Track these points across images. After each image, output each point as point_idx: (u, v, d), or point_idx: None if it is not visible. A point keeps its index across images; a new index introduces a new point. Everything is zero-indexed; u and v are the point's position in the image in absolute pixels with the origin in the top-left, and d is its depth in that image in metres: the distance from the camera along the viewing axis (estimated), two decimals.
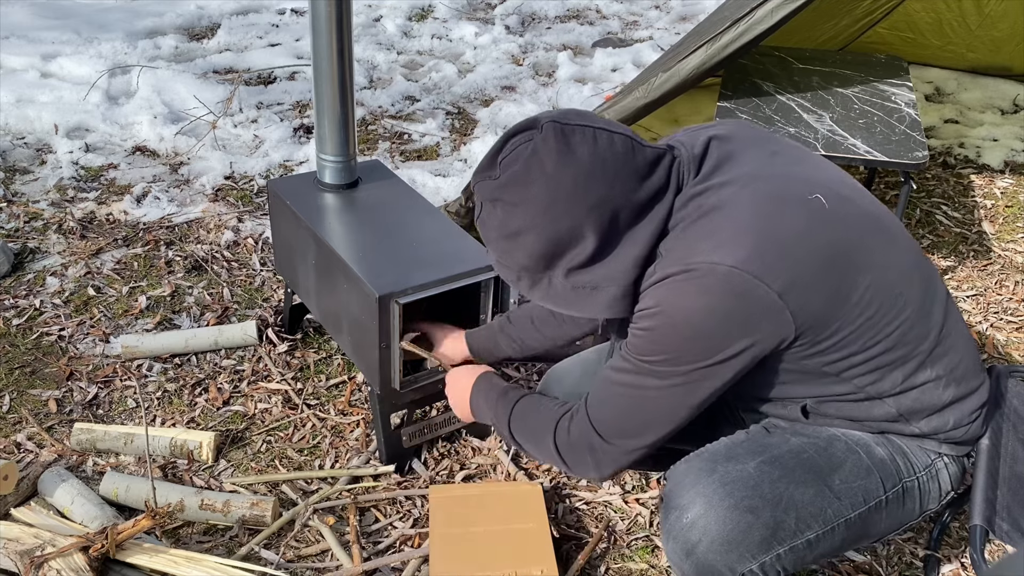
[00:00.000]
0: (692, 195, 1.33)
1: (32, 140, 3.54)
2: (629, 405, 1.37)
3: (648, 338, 1.30)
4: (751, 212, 1.28)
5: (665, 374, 1.31)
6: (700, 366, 1.29)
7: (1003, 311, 2.82)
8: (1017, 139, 3.98)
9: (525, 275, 1.38)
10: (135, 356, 2.39)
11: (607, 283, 1.34)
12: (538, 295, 1.40)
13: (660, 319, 1.28)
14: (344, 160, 2.15)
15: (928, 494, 1.47)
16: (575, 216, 1.30)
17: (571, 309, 1.38)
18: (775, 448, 1.42)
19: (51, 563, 1.62)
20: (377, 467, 2.05)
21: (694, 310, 1.25)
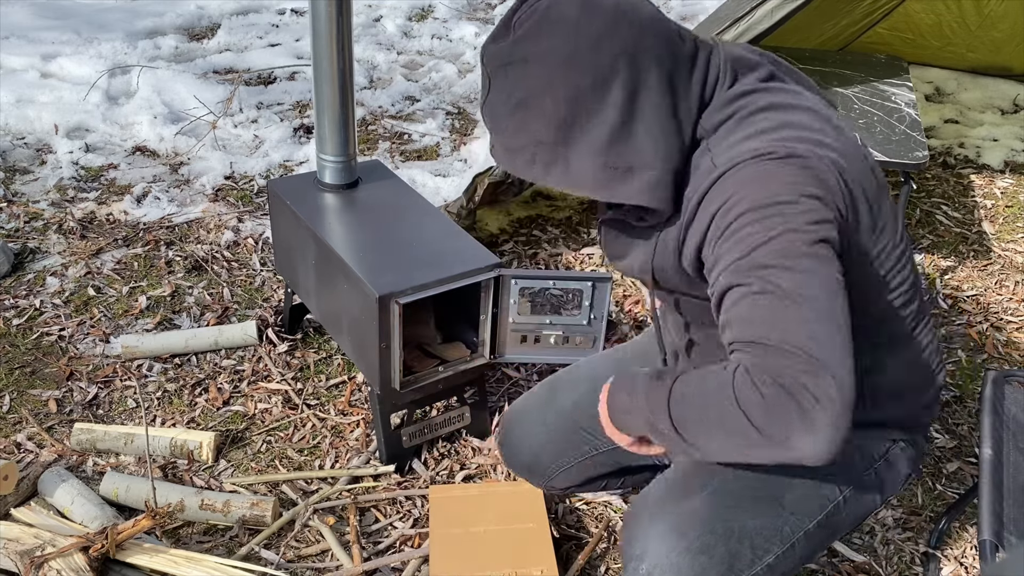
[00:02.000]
0: (741, 92, 1.21)
1: (32, 140, 3.54)
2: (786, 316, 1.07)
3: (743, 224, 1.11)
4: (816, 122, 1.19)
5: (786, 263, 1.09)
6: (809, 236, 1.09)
7: (1003, 311, 2.82)
8: (1017, 139, 3.98)
9: (540, 153, 1.19)
10: (135, 356, 2.39)
11: (637, 163, 1.17)
12: (555, 178, 1.20)
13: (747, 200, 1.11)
14: (344, 160, 2.15)
15: (886, 482, 1.44)
16: (600, 67, 1.13)
17: (599, 193, 1.19)
18: (723, 472, 1.35)
19: (51, 563, 1.62)
20: (377, 467, 2.05)
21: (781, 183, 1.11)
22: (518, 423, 1.72)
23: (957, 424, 2.34)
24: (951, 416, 2.37)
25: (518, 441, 1.72)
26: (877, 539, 1.98)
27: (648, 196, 1.18)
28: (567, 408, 1.64)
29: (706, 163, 1.17)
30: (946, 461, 2.22)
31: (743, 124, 1.18)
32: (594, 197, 1.22)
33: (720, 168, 1.14)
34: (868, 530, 2.00)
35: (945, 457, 2.23)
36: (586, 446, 1.62)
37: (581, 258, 2.97)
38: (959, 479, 2.16)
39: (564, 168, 1.18)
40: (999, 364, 2.58)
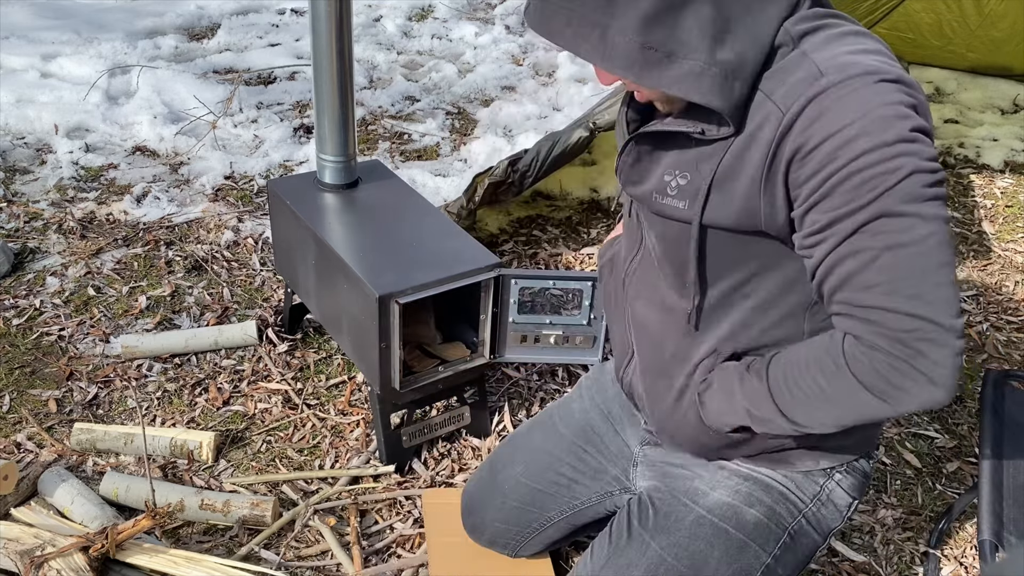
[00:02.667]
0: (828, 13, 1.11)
1: (32, 140, 3.54)
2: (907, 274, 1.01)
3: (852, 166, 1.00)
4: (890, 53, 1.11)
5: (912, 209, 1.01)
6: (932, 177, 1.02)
7: (1003, 311, 2.82)
8: (1017, 139, 3.98)
9: (576, 21, 1.05)
10: (135, 356, 2.39)
11: (680, 48, 1.04)
12: (588, 48, 1.06)
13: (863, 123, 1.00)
14: (344, 160, 2.15)
15: (825, 519, 1.37)
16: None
17: (632, 73, 1.06)
18: (635, 568, 1.35)
19: (51, 563, 1.62)
20: (377, 467, 2.05)
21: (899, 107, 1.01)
22: (470, 511, 1.71)
23: (957, 424, 2.34)
24: (951, 416, 2.37)
25: (472, 528, 1.72)
26: (877, 539, 1.98)
27: (686, 86, 1.05)
28: (510, 486, 1.63)
29: (807, 67, 1.04)
30: (946, 461, 2.22)
31: (842, 40, 1.06)
32: (625, 79, 1.08)
33: (831, 76, 1.01)
34: (868, 530, 2.00)
35: (945, 457, 2.23)
36: (535, 523, 1.62)
37: (581, 258, 2.97)
38: (959, 479, 2.16)
39: (600, 40, 1.05)
40: (999, 364, 2.58)
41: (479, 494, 1.70)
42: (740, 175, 1.10)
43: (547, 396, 2.35)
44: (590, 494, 1.57)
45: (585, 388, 1.67)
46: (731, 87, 1.05)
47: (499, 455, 1.71)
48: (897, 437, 2.28)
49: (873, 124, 0.99)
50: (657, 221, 1.23)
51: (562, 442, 1.61)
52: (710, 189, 1.13)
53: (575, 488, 1.57)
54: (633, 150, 1.23)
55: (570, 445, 1.60)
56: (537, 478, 1.60)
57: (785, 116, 1.04)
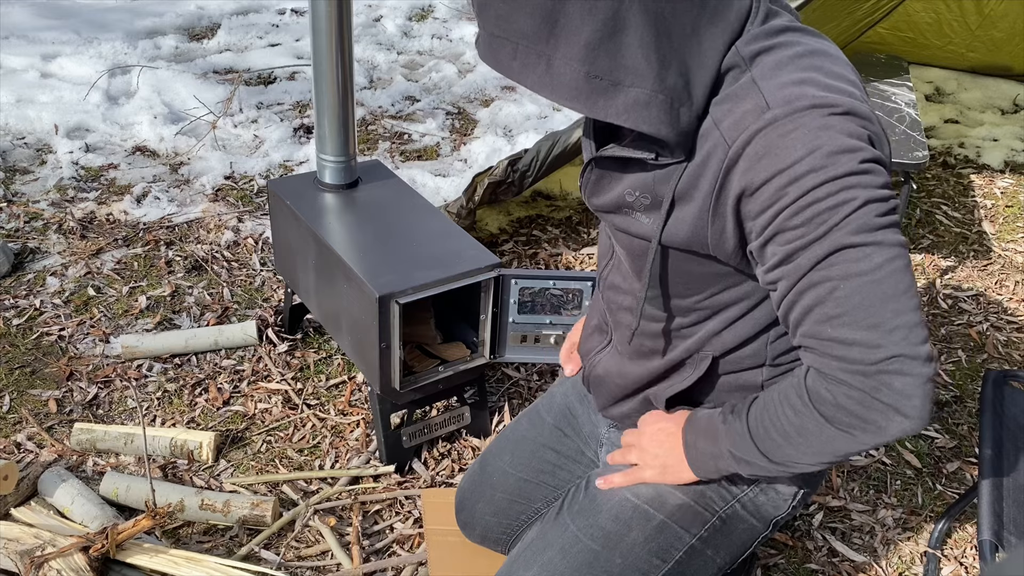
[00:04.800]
0: (783, 27, 1.08)
1: (32, 140, 3.54)
2: (858, 297, 1.00)
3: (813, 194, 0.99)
4: (855, 79, 1.08)
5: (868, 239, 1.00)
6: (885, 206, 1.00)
7: (1003, 311, 2.82)
8: (1017, 139, 3.98)
9: (523, 51, 1.04)
10: (135, 356, 2.39)
11: (626, 76, 1.02)
12: (534, 79, 1.05)
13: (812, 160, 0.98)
14: (344, 160, 2.15)
15: (764, 506, 1.35)
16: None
17: (579, 105, 1.05)
18: (551, 548, 1.37)
19: (51, 563, 1.62)
20: (377, 467, 2.05)
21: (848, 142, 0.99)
22: (462, 507, 1.72)
23: (957, 424, 2.34)
24: (951, 416, 2.37)
25: (464, 524, 1.73)
26: (877, 539, 1.98)
27: (634, 116, 1.04)
28: (499, 478, 1.64)
29: (754, 97, 1.02)
30: (946, 461, 2.22)
31: (795, 63, 1.04)
32: (573, 109, 1.08)
33: (777, 110, 1.00)
34: (868, 530, 2.00)
35: (945, 457, 2.23)
36: (524, 515, 1.62)
37: (581, 258, 2.97)
38: (959, 479, 2.16)
39: (545, 69, 1.04)
40: (999, 364, 2.58)
41: (470, 489, 1.71)
42: (693, 199, 1.10)
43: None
44: (572, 478, 1.57)
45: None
46: (678, 114, 1.04)
47: (489, 449, 1.72)
48: None
49: (821, 160, 0.98)
50: (622, 236, 1.24)
51: (545, 428, 1.62)
52: (669, 210, 1.13)
53: (559, 474, 1.58)
54: (595, 170, 1.24)
55: (552, 430, 1.61)
56: (523, 467, 1.61)
57: (731, 149, 1.03)
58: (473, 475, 1.71)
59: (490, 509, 1.65)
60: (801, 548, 1.94)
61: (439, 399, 2.12)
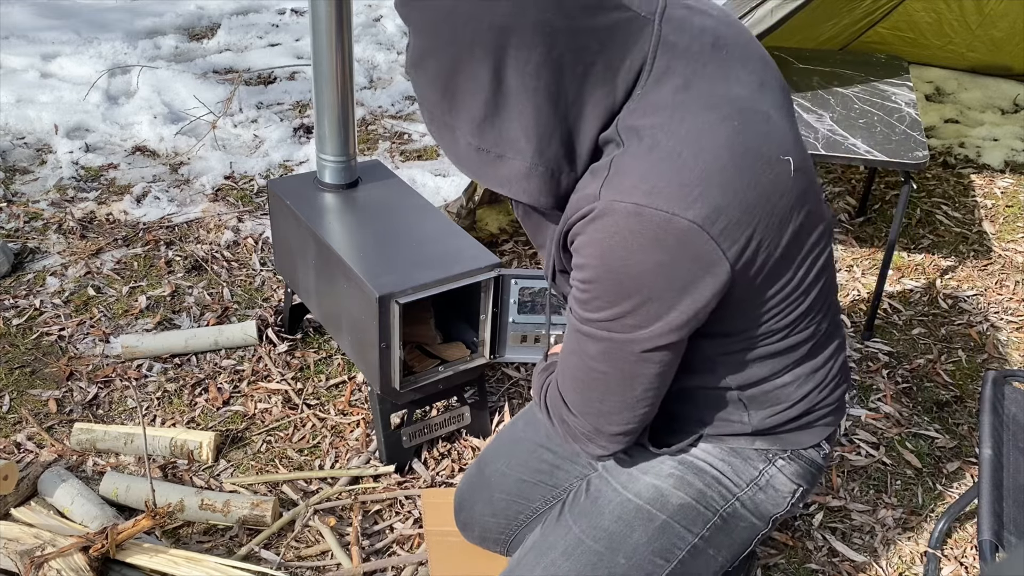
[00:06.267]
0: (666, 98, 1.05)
1: (32, 140, 3.54)
2: (579, 373, 1.18)
3: (583, 289, 1.08)
4: (727, 160, 1.03)
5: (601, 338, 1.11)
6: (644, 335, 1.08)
7: (1003, 311, 2.82)
8: (1017, 139, 3.98)
9: (435, 119, 1.10)
10: (135, 356, 2.39)
11: (508, 150, 1.06)
12: (445, 146, 1.12)
13: (597, 268, 1.05)
14: (344, 160, 2.15)
15: (763, 504, 1.36)
16: (470, 37, 0.99)
17: (471, 174, 1.11)
18: (553, 550, 1.38)
19: (51, 563, 1.62)
20: (377, 467, 2.05)
21: (641, 264, 1.02)
22: (460, 507, 1.72)
23: (957, 424, 2.34)
24: (951, 416, 2.37)
25: (463, 525, 1.73)
26: (877, 539, 1.98)
27: (513, 188, 1.09)
28: (498, 480, 1.64)
29: (597, 183, 1.04)
30: (946, 461, 2.22)
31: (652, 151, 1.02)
32: (469, 177, 1.14)
33: (601, 201, 1.02)
34: (868, 530, 2.00)
35: (945, 457, 2.23)
36: (523, 515, 1.62)
37: None
38: (959, 479, 2.16)
39: (451, 140, 1.10)
40: (999, 364, 2.58)
41: (468, 490, 1.71)
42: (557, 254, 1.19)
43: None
44: (570, 479, 1.57)
45: None
46: (558, 182, 1.09)
47: (487, 450, 1.72)
48: (897, 437, 2.28)
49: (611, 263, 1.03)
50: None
51: (541, 429, 1.62)
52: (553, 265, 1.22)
53: (557, 474, 1.58)
54: (522, 212, 1.29)
55: (548, 431, 1.61)
56: (521, 467, 1.61)
57: (566, 224, 1.09)
58: (471, 477, 1.71)
59: (489, 510, 1.65)
60: (801, 548, 1.94)
61: (439, 399, 2.12)
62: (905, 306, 2.83)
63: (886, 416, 2.34)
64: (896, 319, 2.76)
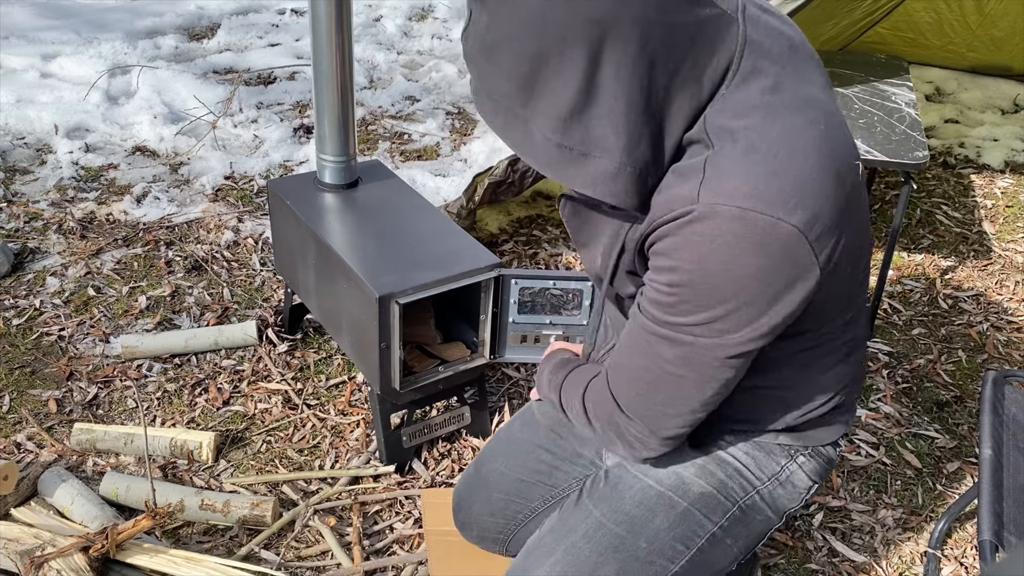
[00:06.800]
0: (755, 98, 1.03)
1: (32, 140, 3.54)
2: (645, 375, 1.15)
3: (672, 292, 1.05)
4: (820, 164, 1.03)
5: (682, 342, 1.09)
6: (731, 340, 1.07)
7: (1003, 311, 2.82)
8: (1017, 139, 3.98)
9: (503, 110, 1.06)
10: (135, 356, 2.39)
11: (595, 148, 1.02)
12: (513, 140, 1.07)
13: (693, 272, 1.02)
14: (344, 160, 2.15)
15: (780, 499, 1.38)
16: (566, 29, 0.96)
17: (550, 171, 1.07)
18: (574, 533, 1.38)
19: (51, 563, 1.62)
20: (377, 467, 2.05)
21: (743, 269, 1.00)
22: (459, 507, 1.72)
23: (957, 424, 2.34)
24: (951, 416, 2.37)
25: (462, 525, 1.73)
26: (877, 539, 1.98)
27: (600, 188, 1.05)
28: (495, 479, 1.64)
29: (692, 184, 1.02)
30: (946, 461, 2.22)
31: (749, 154, 1.00)
32: (545, 174, 1.09)
33: (701, 203, 1.00)
34: (868, 530, 2.00)
35: (945, 457, 2.23)
36: (521, 514, 1.62)
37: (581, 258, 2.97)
38: (959, 479, 2.16)
39: (522, 133, 1.05)
40: (999, 364, 2.58)
41: (467, 490, 1.71)
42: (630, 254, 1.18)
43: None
44: (569, 480, 1.58)
45: None
46: (644, 183, 1.05)
47: (485, 451, 1.72)
48: (897, 437, 2.28)
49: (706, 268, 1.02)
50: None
51: (539, 430, 1.62)
52: (613, 264, 1.21)
53: (555, 475, 1.58)
54: (570, 209, 1.29)
55: (546, 432, 1.61)
56: (519, 468, 1.61)
57: (651, 225, 1.06)
58: (469, 477, 1.71)
59: (487, 509, 1.65)
60: (801, 548, 1.94)
61: (439, 399, 2.12)
62: (905, 306, 2.83)
63: (886, 416, 2.34)
64: (896, 319, 2.76)
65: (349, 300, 1.93)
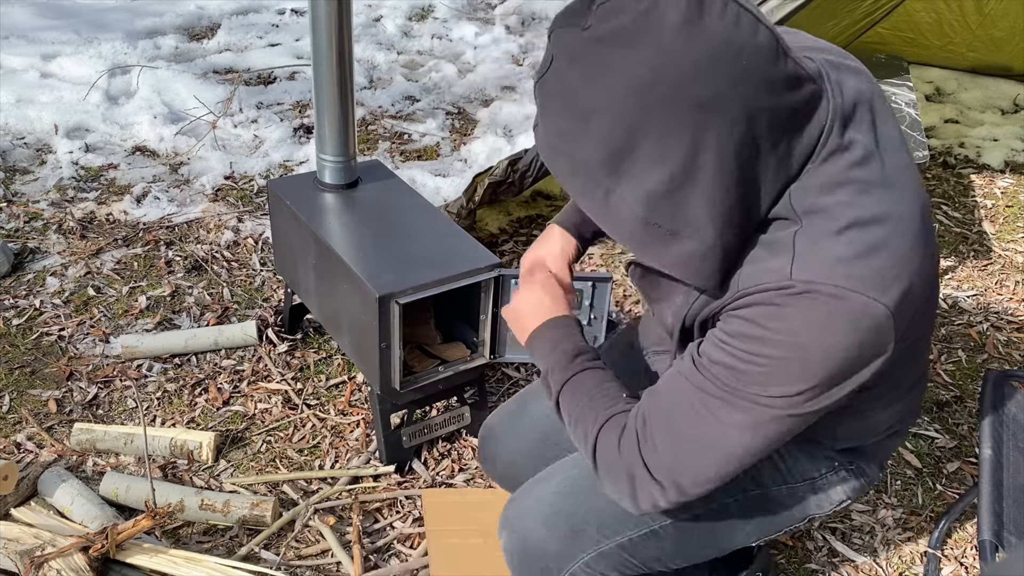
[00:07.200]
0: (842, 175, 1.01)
1: (32, 140, 3.54)
2: (692, 435, 1.07)
3: (751, 360, 1.01)
4: (908, 242, 1.01)
5: (753, 409, 1.03)
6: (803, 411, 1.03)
7: (1003, 311, 2.82)
8: (1017, 139, 3.98)
9: (582, 174, 1.01)
10: (135, 356, 2.39)
11: (685, 228, 0.98)
12: (589, 204, 1.03)
13: (783, 345, 0.98)
14: (344, 160, 2.15)
15: (808, 504, 1.36)
16: (672, 110, 0.92)
17: (628, 243, 1.04)
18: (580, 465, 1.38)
19: (51, 563, 1.62)
20: (377, 467, 2.05)
21: (833, 347, 0.98)
22: (492, 436, 1.68)
23: (957, 424, 2.34)
24: (951, 416, 2.37)
25: (491, 454, 1.69)
26: (877, 539, 1.98)
27: (687, 270, 1.02)
28: (538, 418, 1.62)
29: (781, 259, 0.99)
30: (946, 461, 2.22)
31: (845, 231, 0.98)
32: (624, 245, 1.07)
33: (796, 281, 0.97)
34: (868, 530, 2.00)
35: (945, 457, 2.23)
36: (552, 460, 1.57)
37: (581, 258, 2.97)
38: (959, 479, 2.16)
39: (603, 201, 1.01)
40: (999, 364, 2.58)
41: (503, 422, 1.67)
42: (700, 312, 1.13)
43: None
44: None
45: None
46: (729, 262, 1.03)
47: (530, 389, 1.70)
48: None
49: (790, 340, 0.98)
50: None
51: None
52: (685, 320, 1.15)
53: None
54: (640, 273, 1.24)
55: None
56: None
57: (740, 292, 1.02)
58: (510, 410, 1.68)
59: (522, 446, 1.61)
60: (801, 548, 1.94)
61: (439, 399, 2.12)
62: None
63: None
64: None
65: (349, 300, 1.93)
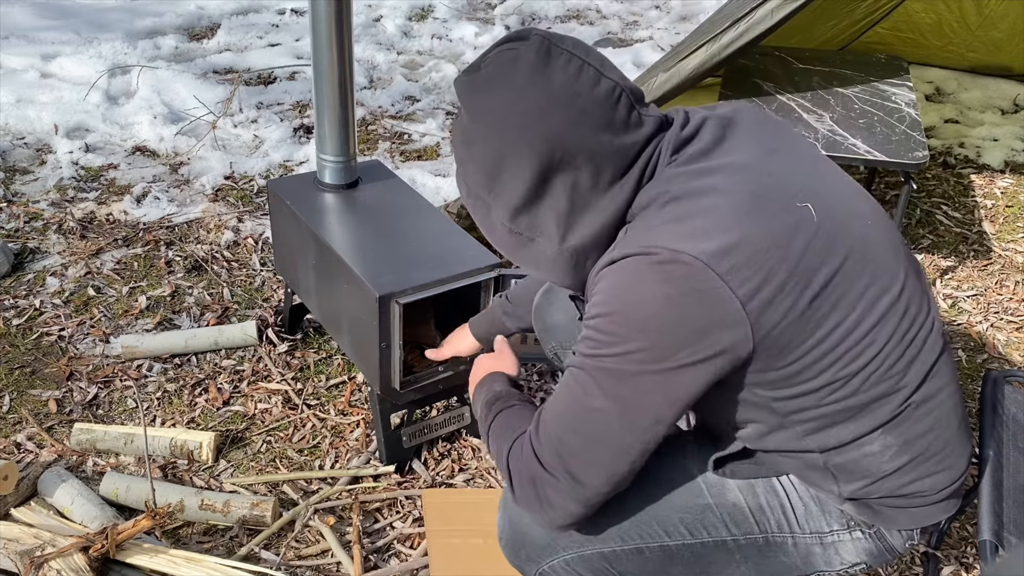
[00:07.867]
0: (669, 176, 1.18)
1: (32, 140, 3.54)
2: (572, 421, 1.17)
3: (595, 327, 1.14)
4: (730, 207, 1.12)
5: (608, 375, 1.13)
6: (650, 369, 1.11)
7: (1003, 311, 2.82)
8: (1017, 139, 3.98)
9: (473, 195, 1.26)
10: (135, 356, 2.39)
11: (539, 235, 1.21)
12: (479, 221, 1.28)
13: (609, 305, 1.12)
14: (344, 160, 2.15)
15: (815, 559, 1.31)
16: (522, 141, 1.15)
17: (505, 252, 1.28)
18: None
19: (51, 563, 1.62)
20: (377, 467, 2.05)
21: (650, 297, 1.09)
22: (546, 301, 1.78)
23: None
24: None
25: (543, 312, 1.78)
26: None
27: (543, 269, 1.24)
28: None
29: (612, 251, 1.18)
30: None
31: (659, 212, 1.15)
32: (500, 251, 1.29)
33: (615, 256, 1.14)
34: None
35: None
36: None
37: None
38: None
39: (485, 216, 1.25)
40: (999, 364, 2.58)
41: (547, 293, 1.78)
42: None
43: (547, 396, 2.34)
44: None
45: None
46: (582, 267, 1.22)
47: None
48: None
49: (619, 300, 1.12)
50: None
51: None
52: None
53: None
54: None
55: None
56: None
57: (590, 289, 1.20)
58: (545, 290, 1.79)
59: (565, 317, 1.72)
60: None
61: (439, 399, 2.12)
62: None
63: None
64: None
65: (349, 300, 1.93)
